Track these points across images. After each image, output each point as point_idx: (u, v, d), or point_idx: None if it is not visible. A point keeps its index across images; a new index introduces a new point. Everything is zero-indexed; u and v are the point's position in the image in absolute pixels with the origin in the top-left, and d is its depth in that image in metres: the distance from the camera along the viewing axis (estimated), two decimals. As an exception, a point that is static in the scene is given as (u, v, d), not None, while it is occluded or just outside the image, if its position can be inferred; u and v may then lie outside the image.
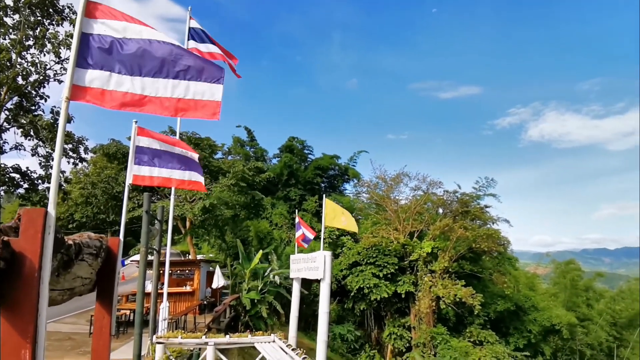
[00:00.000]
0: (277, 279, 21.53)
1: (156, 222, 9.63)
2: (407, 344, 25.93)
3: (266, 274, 21.34)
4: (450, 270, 25.26)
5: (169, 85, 3.66)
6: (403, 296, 26.19)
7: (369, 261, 27.13)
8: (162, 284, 11.23)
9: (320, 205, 16.00)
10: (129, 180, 7.74)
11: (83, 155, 21.89)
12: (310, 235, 11.40)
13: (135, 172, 7.74)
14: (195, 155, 8.70)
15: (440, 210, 30.38)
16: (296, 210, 13.85)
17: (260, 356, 9.24)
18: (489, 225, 27.34)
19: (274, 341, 9.48)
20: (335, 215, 9.25)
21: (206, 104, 3.62)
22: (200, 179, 8.52)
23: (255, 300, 19.46)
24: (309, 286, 24.29)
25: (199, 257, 29.41)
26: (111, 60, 3.45)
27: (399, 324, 26.70)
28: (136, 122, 7.98)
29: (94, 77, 3.36)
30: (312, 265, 8.71)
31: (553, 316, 26.65)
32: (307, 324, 26.03)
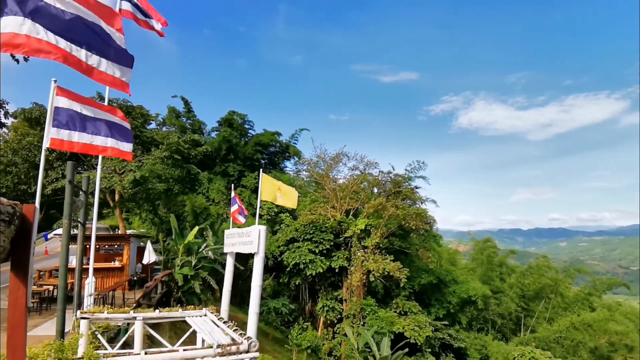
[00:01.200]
0: (212, 255, 21.29)
1: (81, 193, 9.05)
2: (339, 316, 27.20)
3: (201, 249, 20.98)
4: (381, 246, 26.65)
5: (83, 51, 3.47)
6: (337, 271, 27.26)
7: (306, 237, 27.73)
8: (88, 259, 10.68)
9: (260, 182, 16.04)
10: (45, 144, 7.07)
11: (3, 120, 19.58)
12: (245, 211, 11.32)
13: (53, 135, 7.04)
14: (125, 123, 8.15)
15: (375, 190, 31.65)
16: (232, 185, 13.69)
17: (190, 330, 9.24)
18: (418, 205, 29.05)
19: (205, 315, 9.50)
20: (271, 190, 9.29)
21: (115, 80, 3.48)
22: (128, 147, 7.98)
23: (189, 276, 19.14)
24: (246, 262, 24.35)
25: (129, 232, 28.09)
26: (27, 9, 3.18)
27: (332, 297, 27.84)
28: (55, 80, 7.27)
29: (7, 24, 3.08)
30: (246, 239, 8.76)
31: (470, 289, 29.24)
32: (243, 299, 26.20)
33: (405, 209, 27.21)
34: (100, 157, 8.53)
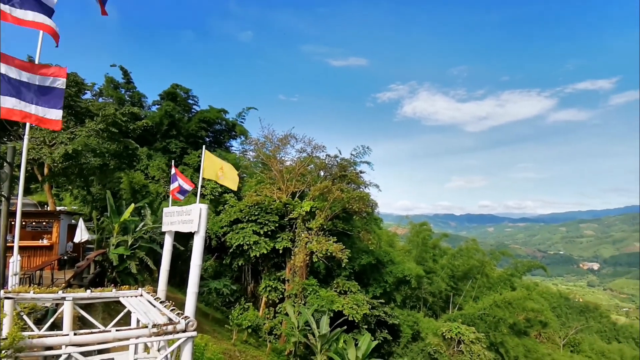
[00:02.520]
0: (151, 234, 20.56)
1: (5, 164, 8.27)
2: (281, 296, 27.64)
3: (138, 228, 20.17)
4: (325, 228, 27.28)
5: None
6: (280, 252, 27.54)
7: (250, 219, 27.59)
8: (13, 236, 9.89)
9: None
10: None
11: None
12: (188, 187, 10.95)
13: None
14: (59, 82, 7.34)
15: (322, 173, 32.09)
16: (172, 162, 13.18)
17: (125, 310, 8.97)
18: (361, 189, 29.96)
19: (141, 295, 9.26)
20: (214, 169, 9.09)
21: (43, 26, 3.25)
22: (57, 115, 7.26)
23: (125, 256, 18.40)
24: (186, 243, 23.80)
25: (60, 208, 26.19)
26: None
27: (275, 278, 28.16)
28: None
29: None
30: (186, 218, 8.57)
31: (405, 269, 30.90)
32: (183, 280, 25.66)
33: (349, 193, 27.95)
34: (27, 125, 7.72)
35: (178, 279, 26.09)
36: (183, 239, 22.03)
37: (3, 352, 5.03)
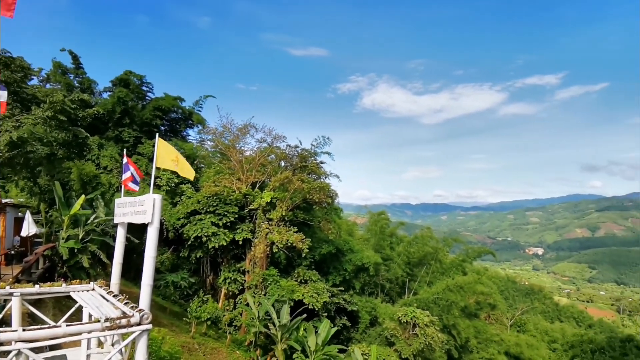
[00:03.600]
0: (102, 227, 19.84)
1: None
2: (241, 287, 27.61)
3: (89, 221, 19.40)
4: (285, 218, 27.43)
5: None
6: (240, 243, 27.41)
7: (209, 210, 27.19)
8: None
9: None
10: None
11: None
12: (138, 177, 10.67)
13: None
14: None
15: (282, 163, 32.09)
16: (124, 150, 12.80)
17: (76, 306, 8.78)
18: (322, 179, 30.33)
19: (93, 289, 9.07)
20: (168, 157, 8.90)
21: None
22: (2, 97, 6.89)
23: (75, 250, 17.68)
24: (141, 235, 23.14)
25: (5, 201, 24.55)
26: None
27: (234, 269, 28.05)
28: None
29: None
30: (139, 209, 8.41)
31: (364, 257, 31.77)
32: (138, 273, 24.88)
33: (310, 183, 28.23)
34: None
35: (133, 272, 25.36)
36: (137, 232, 21.40)
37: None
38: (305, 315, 23.52)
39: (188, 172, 9.21)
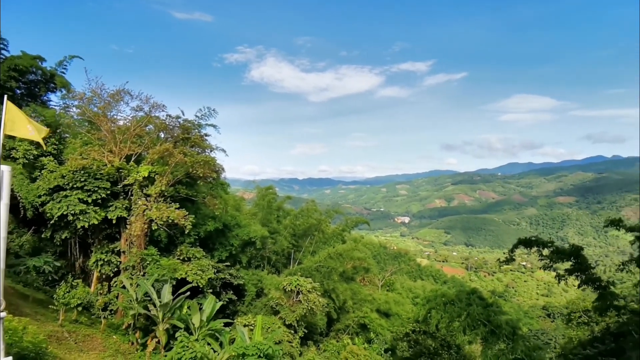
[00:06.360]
0: None
1: None
2: (116, 269, 25.34)
3: None
4: (166, 194, 25.69)
5: None
6: (114, 222, 24.92)
7: (75, 185, 23.93)
8: None
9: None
10: None
11: None
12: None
13: None
14: None
15: (162, 135, 29.64)
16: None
17: None
18: (207, 153, 29.01)
19: None
20: (20, 123, 7.51)
21: None
22: None
23: None
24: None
25: None
26: None
27: (108, 250, 25.54)
28: None
29: None
30: (-16, 184, 7.03)
31: (251, 231, 31.85)
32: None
33: (193, 157, 26.69)
34: None
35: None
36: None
37: None
38: (188, 293, 22.79)
39: (42, 133, 7.87)
